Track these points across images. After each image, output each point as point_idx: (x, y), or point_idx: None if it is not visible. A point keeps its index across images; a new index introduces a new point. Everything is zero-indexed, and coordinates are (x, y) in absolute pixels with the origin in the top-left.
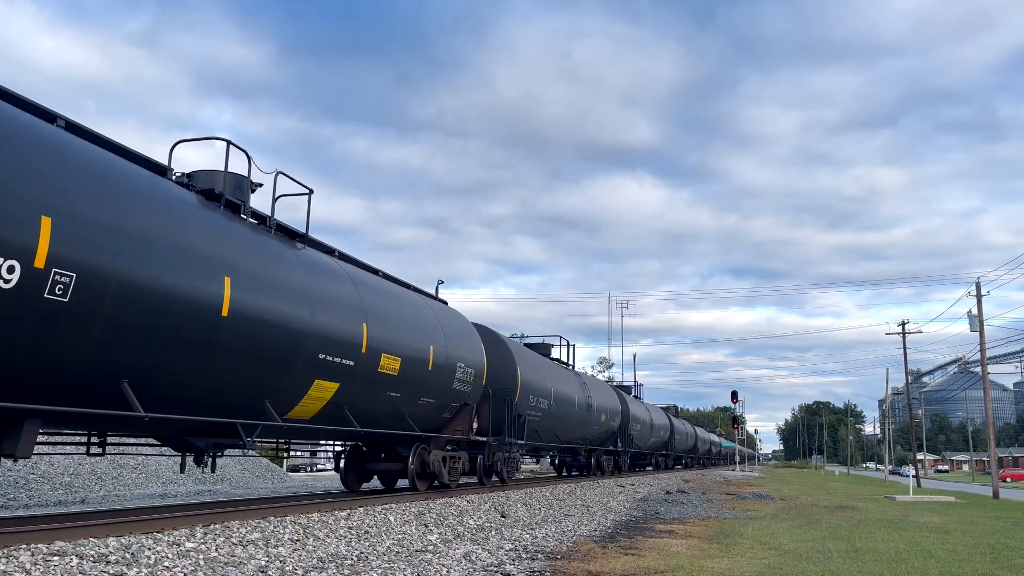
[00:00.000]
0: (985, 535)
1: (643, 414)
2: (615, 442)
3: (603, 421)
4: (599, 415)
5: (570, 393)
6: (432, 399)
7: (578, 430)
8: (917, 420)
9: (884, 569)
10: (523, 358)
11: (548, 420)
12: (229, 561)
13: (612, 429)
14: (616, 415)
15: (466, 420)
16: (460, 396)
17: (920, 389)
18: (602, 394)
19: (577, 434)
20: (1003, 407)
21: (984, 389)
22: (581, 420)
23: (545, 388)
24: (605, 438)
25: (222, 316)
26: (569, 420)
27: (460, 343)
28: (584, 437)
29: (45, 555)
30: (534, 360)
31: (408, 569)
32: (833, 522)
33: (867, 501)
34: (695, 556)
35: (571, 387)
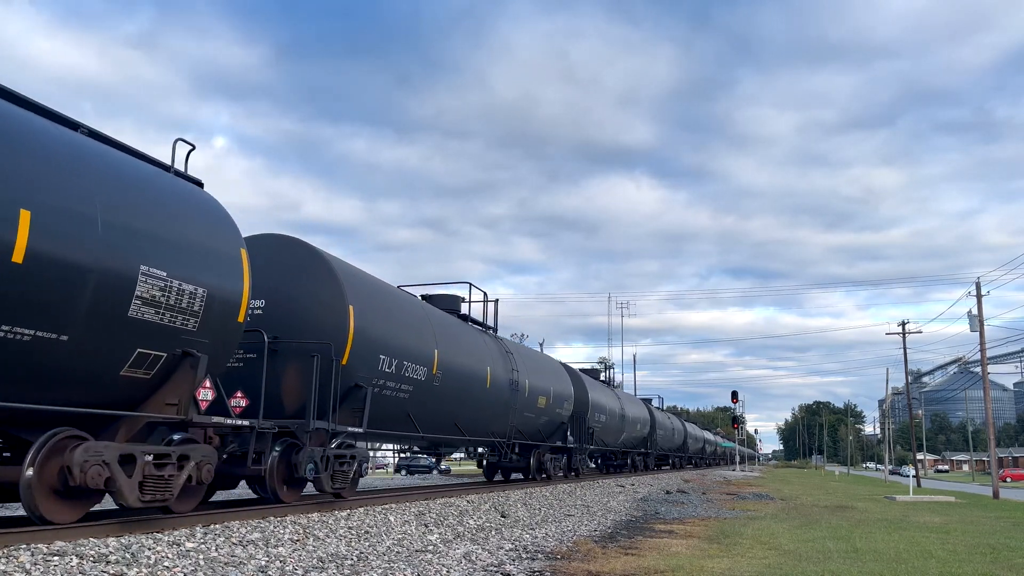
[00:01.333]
0: (985, 535)
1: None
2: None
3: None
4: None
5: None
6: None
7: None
8: (917, 420)
9: (884, 569)
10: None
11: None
12: (229, 561)
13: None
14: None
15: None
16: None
17: (920, 389)
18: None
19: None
20: (1003, 407)
21: (984, 389)
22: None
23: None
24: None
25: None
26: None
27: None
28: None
29: (45, 555)
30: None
31: (408, 569)
32: (833, 522)
33: (867, 501)
34: (695, 556)
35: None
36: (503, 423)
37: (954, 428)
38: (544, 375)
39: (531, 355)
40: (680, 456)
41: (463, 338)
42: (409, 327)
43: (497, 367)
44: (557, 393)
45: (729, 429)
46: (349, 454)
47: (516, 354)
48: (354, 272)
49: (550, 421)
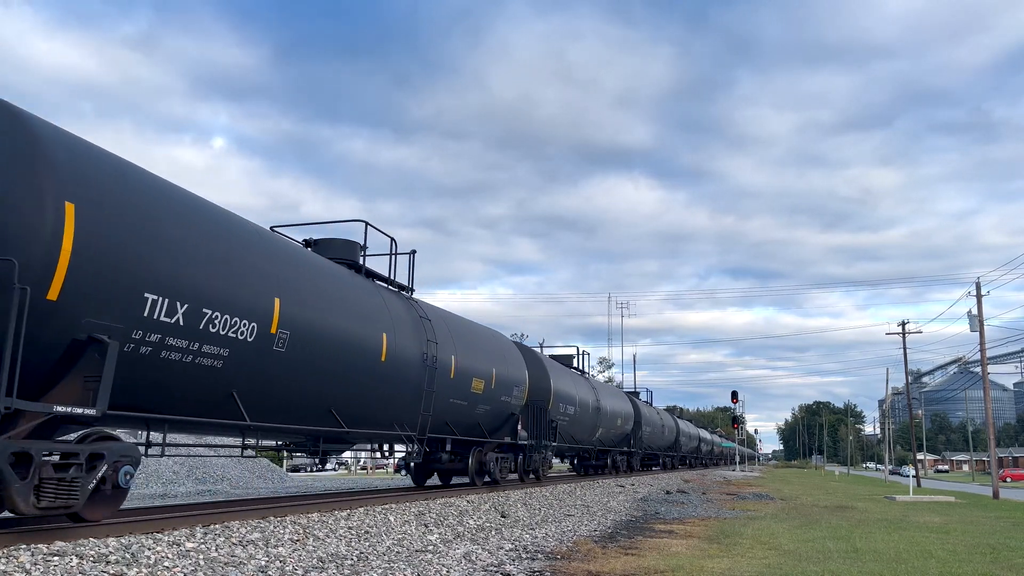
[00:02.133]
0: (985, 535)
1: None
2: (628, 443)
3: (618, 424)
4: (615, 419)
5: (589, 400)
6: (491, 411)
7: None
8: (917, 420)
9: (884, 569)
10: (554, 371)
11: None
12: (229, 561)
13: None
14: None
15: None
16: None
17: (920, 389)
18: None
19: (596, 436)
20: (1003, 407)
21: (984, 389)
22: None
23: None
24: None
25: None
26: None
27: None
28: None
29: (45, 555)
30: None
31: (408, 569)
32: (833, 522)
33: (867, 501)
34: (695, 556)
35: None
36: (411, 412)
37: (954, 428)
38: (482, 353)
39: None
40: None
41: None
42: (218, 259)
43: (401, 336)
44: (503, 377)
45: (729, 429)
46: (87, 453)
47: (437, 322)
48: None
49: (492, 411)
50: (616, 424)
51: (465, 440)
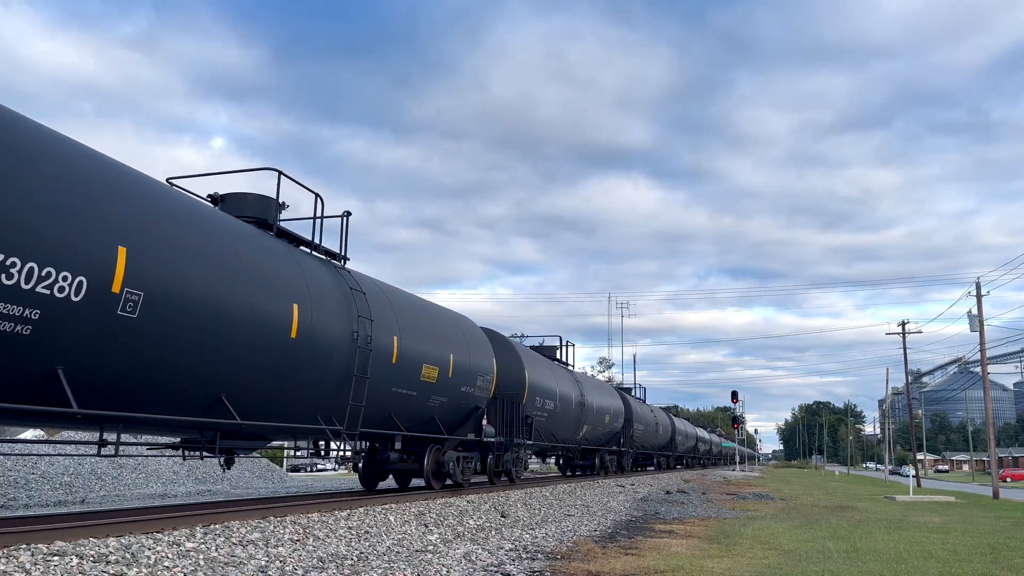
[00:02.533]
0: (985, 535)
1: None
2: (618, 442)
3: (607, 422)
4: (602, 416)
5: (572, 394)
6: (449, 404)
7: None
8: (917, 420)
9: (884, 569)
10: (530, 361)
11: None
12: (229, 561)
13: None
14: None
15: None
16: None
17: (920, 389)
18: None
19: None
20: (1003, 407)
21: (984, 389)
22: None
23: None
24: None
25: None
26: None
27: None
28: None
29: (45, 555)
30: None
31: (408, 569)
32: (833, 522)
33: (867, 501)
34: (695, 556)
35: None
36: (338, 401)
37: (954, 428)
38: (436, 336)
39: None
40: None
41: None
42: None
43: (322, 310)
44: (463, 365)
45: (729, 429)
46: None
47: (375, 297)
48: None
49: (451, 404)
50: (604, 421)
51: (420, 437)
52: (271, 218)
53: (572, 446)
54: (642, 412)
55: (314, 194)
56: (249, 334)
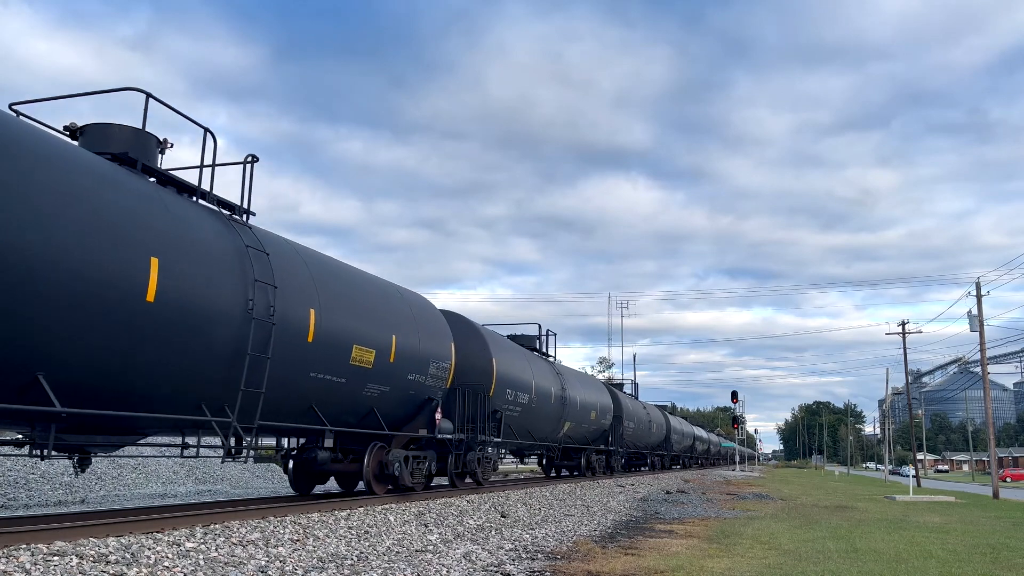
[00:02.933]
0: (985, 535)
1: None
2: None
3: (593, 418)
4: (587, 412)
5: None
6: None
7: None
8: (917, 420)
9: (884, 569)
10: (499, 348)
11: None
12: (229, 561)
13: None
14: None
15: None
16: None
17: (920, 389)
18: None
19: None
20: (1003, 407)
21: (984, 389)
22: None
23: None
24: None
25: None
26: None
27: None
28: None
29: (45, 555)
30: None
31: (408, 569)
32: (833, 522)
33: (867, 501)
34: (695, 556)
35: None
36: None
37: (954, 428)
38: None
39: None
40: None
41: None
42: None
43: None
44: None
45: (729, 429)
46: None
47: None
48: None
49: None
50: (589, 418)
51: (357, 434)
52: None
53: (552, 444)
54: (634, 409)
55: (203, 129)
56: (78, 295)
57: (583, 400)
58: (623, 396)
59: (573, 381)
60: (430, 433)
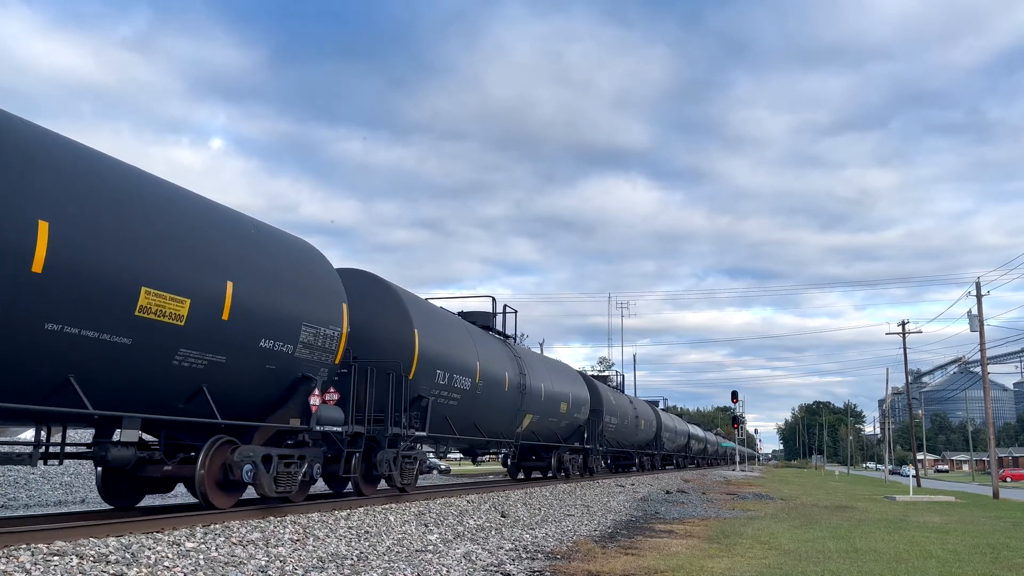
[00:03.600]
0: (985, 535)
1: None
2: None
3: (563, 412)
4: (555, 404)
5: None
6: (568, 424)
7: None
8: (917, 420)
9: (884, 569)
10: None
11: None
12: (229, 561)
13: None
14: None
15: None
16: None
17: (920, 389)
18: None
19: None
20: (1003, 407)
21: (984, 389)
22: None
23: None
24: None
25: None
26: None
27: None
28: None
29: (45, 555)
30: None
31: (408, 569)
32: (833, 522)
33: (867, 501)
34: (695, 556)
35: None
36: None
37: (954, 428)
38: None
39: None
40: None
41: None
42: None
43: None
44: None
45: (729, 429)
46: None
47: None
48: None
49: (237, 369)
50: (558, 411)
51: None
52: None
53: (507, 441)
54: (617, 403)
55: None
56: None
57: (550, 390)
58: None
59: (537, 366)
60: (305, 424)
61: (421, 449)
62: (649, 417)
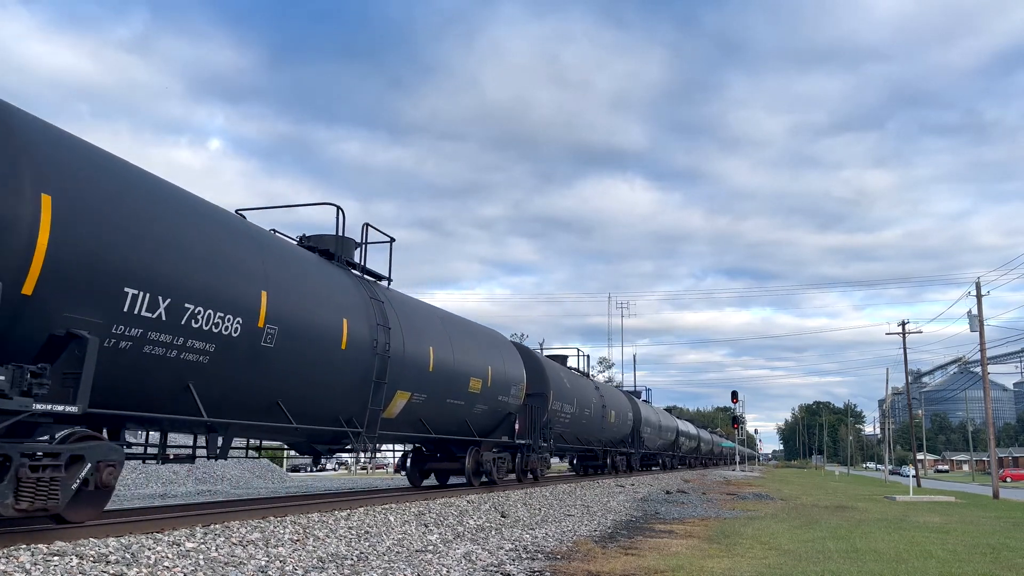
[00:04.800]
0: (985, 535)
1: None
2: (627, 443)
3: (618, 424)
4: (615, 419)
5: (589, 399)
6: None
7: (596, 433)
8: (917, 420)
9: (884, 569)
10: (552, 370)
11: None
12: (229, 561)
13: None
14: (629, 419)
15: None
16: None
17: (920, 389)
18: (617, 399)
19: (595, 436)
20: (1003, 407)
21: (984, 389)
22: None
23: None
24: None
25: None
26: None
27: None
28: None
29: (45, 555)
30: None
31: (408, 569)
32: (833, 522)
33: (867, 501)
34: (695, 556)
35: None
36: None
37: (954, 428)
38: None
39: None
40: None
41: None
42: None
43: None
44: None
45: (729, 429)
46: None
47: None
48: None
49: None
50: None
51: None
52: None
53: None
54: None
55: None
56: None
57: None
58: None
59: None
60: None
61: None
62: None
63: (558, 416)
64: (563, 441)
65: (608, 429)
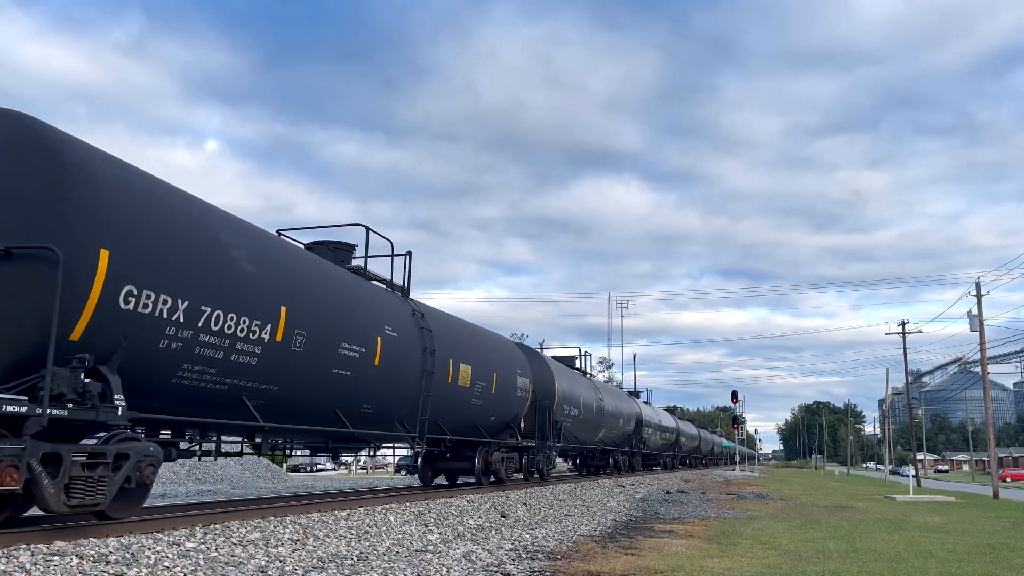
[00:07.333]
0: (985, 535)
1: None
2: (630, 443)
3: (620, 425)
4: (617, 419)
5: (592, 400)
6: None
7: (599, 433)
8: (917, 420)
9: (884, 569)
10: (559, 373)
11: (575, 425)
12: (229, 561)
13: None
14: (631, 419)
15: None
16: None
17: (920, 389)
18: (619, 400)
19: (598, 437)
20: (1003, 407)
21: (984, 389)
22: (601, 424)
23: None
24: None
25: None
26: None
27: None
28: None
29: (45, 555)
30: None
31: (408, 569)
32: (833, 522)
33: (867, 501)
34: (695, 556)
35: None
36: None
37: (954, 428)
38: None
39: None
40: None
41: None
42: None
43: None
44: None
45: (729, 429)
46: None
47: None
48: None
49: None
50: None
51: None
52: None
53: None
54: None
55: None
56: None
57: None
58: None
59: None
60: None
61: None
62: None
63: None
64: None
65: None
